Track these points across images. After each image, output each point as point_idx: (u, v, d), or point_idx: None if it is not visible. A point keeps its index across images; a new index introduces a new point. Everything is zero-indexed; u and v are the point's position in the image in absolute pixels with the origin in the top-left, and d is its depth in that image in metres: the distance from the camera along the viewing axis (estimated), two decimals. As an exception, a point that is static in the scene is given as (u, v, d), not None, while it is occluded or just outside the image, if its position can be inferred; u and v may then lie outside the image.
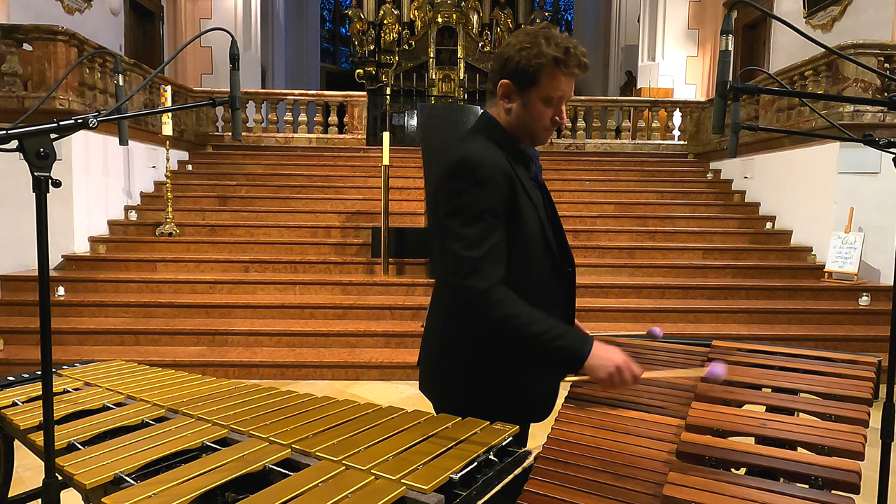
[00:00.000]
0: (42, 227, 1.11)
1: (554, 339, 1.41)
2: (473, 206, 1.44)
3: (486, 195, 1.44)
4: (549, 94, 1.51)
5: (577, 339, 1.44)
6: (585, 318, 5.55)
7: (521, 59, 1.49)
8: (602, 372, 1.41)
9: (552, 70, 1.48)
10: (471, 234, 1.42)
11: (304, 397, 1.79)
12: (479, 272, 1.40)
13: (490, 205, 1.44)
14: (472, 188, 1.44)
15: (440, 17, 14.45)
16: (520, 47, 1.49)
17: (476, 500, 1.22)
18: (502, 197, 1.47)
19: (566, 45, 1.48)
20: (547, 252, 1.58)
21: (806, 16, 8.84)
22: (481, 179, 1.44)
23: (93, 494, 1.31)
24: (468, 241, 1.42)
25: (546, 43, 1.47)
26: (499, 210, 1.46)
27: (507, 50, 1.53)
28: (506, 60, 1.52)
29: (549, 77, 1.49)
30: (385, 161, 6.26)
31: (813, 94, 2.18)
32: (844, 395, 1.45)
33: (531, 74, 1.49)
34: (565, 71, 1.49)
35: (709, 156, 9.28)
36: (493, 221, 1.44)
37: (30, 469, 2.95)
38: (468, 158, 1.47)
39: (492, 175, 1.45)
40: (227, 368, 4.96)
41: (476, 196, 1.44)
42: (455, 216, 1.45)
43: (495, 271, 1.42)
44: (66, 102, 5.99)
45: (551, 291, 1.60)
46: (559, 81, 1.50)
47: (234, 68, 1.52)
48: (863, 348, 5.24)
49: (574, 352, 1.42)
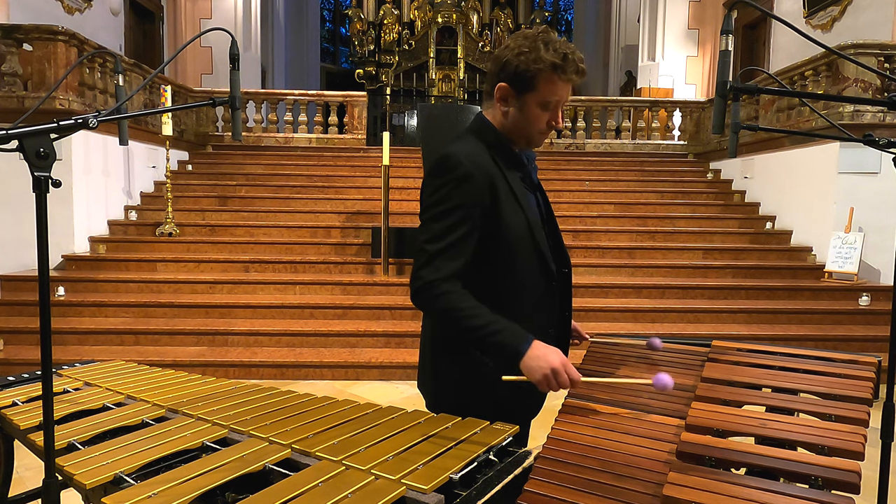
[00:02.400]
0: (42, 227, 1.11)
1: (492, 334, 1.42)
2: (446, 202, 1.47)
3: (461, 193, 1.47)
4: (546, 98, 1.52)
5: (516, 337, 1.43)
6: (585, 318, 5.55)
7: (520, 63, 1.49)
8: (537, 373, 1.40)
9: (550, 75, 1.49)
10: (436, 228, 1.47)
11: (304, 397, 1.79)
12: (431, 264, 1.45)
13: (463, 202, 1.47)
14: (448, 185, 1.48)
15: (440, 17, 14.45)
16: (518, 51, 1.50)
17: (476, 500, 1.22)
18: (480, 196, 1.49)
19: (564, 50, 1.49)
20: (536, 253, 1.58)
21: (806, 16, 8.84)
22: (459, 177, 1.47)
23: (93, 494, 1.31)
24: (431, 235, 1.47)
25: (545, 48, 1.48)
26: (473, 208, 1.48)
27: (505, 53, 1.53)
28: (504, 64, 1.53)
29: (546, 82, 1.50)
30: (385, 161, 6.27)
31: (813, 94, 2.18)
32: (844, 395, 1.44)
33: (529, 79, 1.50)
34: (563, 77, 1.50)
35: (709, 156, 9.28)
36: (462, 218, 1.47)
37: (30, 469, 2.95)
38: (449, 157, 1.50)
39: (470, 174, 1.48)
40: (227, 368, 4.96)
41: (451, 193, 1.47)
42: (427, 210, 1.50)
43: (450, 265, 1.45)
44: (66, 102, 5.99)
45: (541, 292, 1.61)
46: (557, 87, 1.51)
47: (234, 68, 1.52)
48: (863, 348, 5.24)
49: (510, 349, 1.42)
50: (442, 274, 1.45)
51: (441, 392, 1.68)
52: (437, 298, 1.45)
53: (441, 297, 1.45)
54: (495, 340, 1.43)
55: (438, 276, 1.44)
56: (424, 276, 1.45)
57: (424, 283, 1.45)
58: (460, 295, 1.45)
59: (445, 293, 1.44)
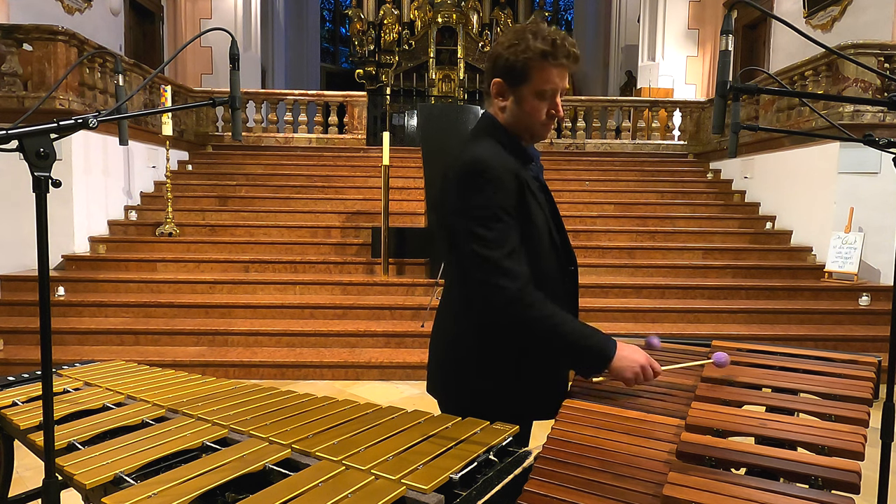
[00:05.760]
0: (42, 227, 1.11)
1: (584, 338, 1.45)
2: (488, 207, 1.45)
3: (498, 196, 1.46)
4: (541, 87, 1.51)
5: (603, 340, 1.46)
6: (585, 318, 5.47)
7: (510, 55, 1.49)
8: (629, 372, 1.45)
9: (541, 63, 1.49)
10: (490, 235, 1.43)
11: (304, 397, 1.79)
12: (508, 273, 1.42)
13: (504, 205, 1.46)
14: (487, 190, 1.45)
15: (440, 17, 14.45)
16: (508, 45, 1.50)
17: (476, 500, 1.22)
18: (513, 197, 1.48)
19: (553, 37, 1.48)
20: (553, 250, 1.59)
21: (806, 16, 8.84)
22: (494, 180, 1.46)
23: (93, 494, 1.31)
24: (489, 242, 1.43)
25: (533, 38, 1.48)
26: (512, 210, 1.47)
27: (496, 49, 1.54)
28: (495, 59, 1.53)
29: (538, 71, 1.50)
30: (385, 161, 6.26)
31: (813, 94, 2.18)
32: (844, 395, 1.44)
33: (520, 70, 1.50)
34: (554, 63, 1.49)
35: (709, 156, 9.28)
36: (509, 221, 1.46)
37: (30, 469, 2.95)
38: (478, 160, 1.48)
39: (501, 176, 1.47)
40: (227, 368, 4.96)
41: (490, 197, 1.45)
42: (472, 218, 1.45)
43: (522, 270, 1.44)
44: (66, 102, 5.99)
45: (558, 289, 1.61)
46: (550, 74, 1.50)
47: (234, 68, 1.52)
48: (863, 348, 5.24)
49: (601, 352, 1.45)
50: (523, 281, 1.42)
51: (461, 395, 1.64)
52: (531, 307, 1.42)
53: (535, 306, 1.42)
54: (589, 344, 1.45)
55: (521, 283, 1.42)
56: (509, 286, 1.41)
57: (513, 293, 1.41)
58: (544, 300, 1.43)
59: (535, 302, 1.42)
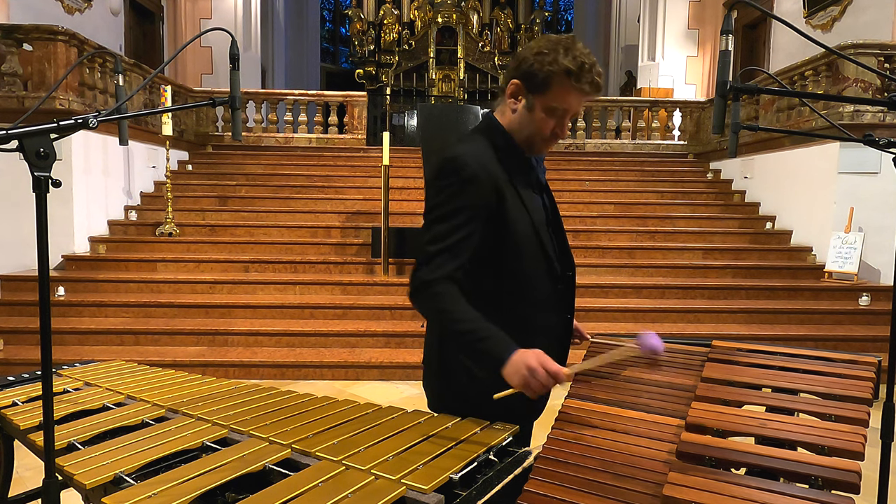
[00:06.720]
0: (42, 227, 1.11)
1: (478, 340, 1.42)
2: (450, 203, 1.47)
3: (466, 194, 1.47)
4: (554, 104, 1.51)
5: (500, 345, 1.41)
6: (585, 318, 5.55)
7: (536, 62, 1.49)
8: (516, 377, 1.37)
9: (562, 80, 1.48)
10: (439, 229, 1.47)
11: (304, 397, 1.79)
12: (430, 264, 1.45)
13: (468, 204, 1.47)
14: (453, 187, 1.47)
15: (440, 17, 14.45)
16: (537, 51, 1.50)
17: (476, 500, 1.22)
18: (486, 198, 1.49)
19: (584, 60, 1.47)
20: (542, 255, 1.58)
21: (806, 16, 8.84)
22: (465, 179, 1.47)
23: (93, 494, 1.31)
24: (433, 236, 1.47)
25: (564, 53, 1.47)
26: (478, 210, 1.48)
27: (524, 52, 1.54)
28: (521, 61, 1.53)
29: (558, 87, 1.49)
30: (385, 161, 6.27)
31: (813, 94, 2.18)
32: (844, 395, 1.44)
33: (541, 80, 1.49)
34: (575, 85, 1.48)
35: (709, 156, 9.28)
36: (465, 220, 1.47)
37: (30, 469, 2.95)
38: (455, 158, 1.50)
39: (476, 175, 1.47)
40: (227, 368, 4.96)
41: (456, 195, 1.47)
42: (432, 212, 1.50)
43: (447, 266, 1.45)
44: (66, 102, 5.99)
45: (546, 294, 1.61)
46: (568, 94, 1.50)
47: (234, 68, 1.52)
48: (863, 348, 5.24)
49: (494, 356, 1.40)
50: (438, 274, 1.44)
51: (446, 392, 1.67)
52: (431, 299, 1.45)
53: (435, 298, 1.45)
54: (480, 347, 1.42)
55: (434, 276, 1.44)
56: (422, 276, 1.46)
57: (421, 283, 1.46)
58: (454, 297, 1.45)
59: (439, 294, 1.44)
